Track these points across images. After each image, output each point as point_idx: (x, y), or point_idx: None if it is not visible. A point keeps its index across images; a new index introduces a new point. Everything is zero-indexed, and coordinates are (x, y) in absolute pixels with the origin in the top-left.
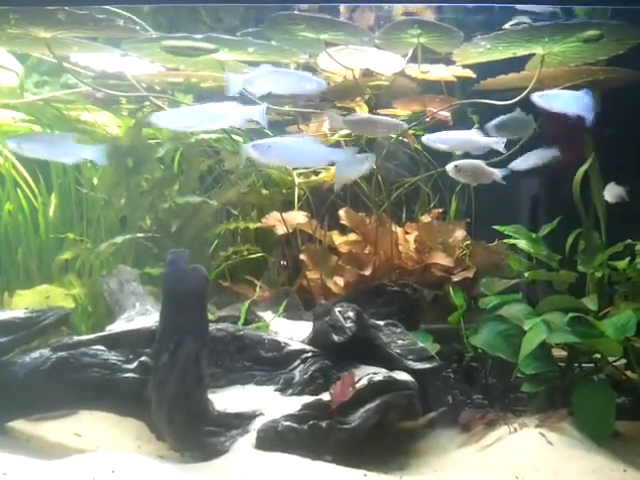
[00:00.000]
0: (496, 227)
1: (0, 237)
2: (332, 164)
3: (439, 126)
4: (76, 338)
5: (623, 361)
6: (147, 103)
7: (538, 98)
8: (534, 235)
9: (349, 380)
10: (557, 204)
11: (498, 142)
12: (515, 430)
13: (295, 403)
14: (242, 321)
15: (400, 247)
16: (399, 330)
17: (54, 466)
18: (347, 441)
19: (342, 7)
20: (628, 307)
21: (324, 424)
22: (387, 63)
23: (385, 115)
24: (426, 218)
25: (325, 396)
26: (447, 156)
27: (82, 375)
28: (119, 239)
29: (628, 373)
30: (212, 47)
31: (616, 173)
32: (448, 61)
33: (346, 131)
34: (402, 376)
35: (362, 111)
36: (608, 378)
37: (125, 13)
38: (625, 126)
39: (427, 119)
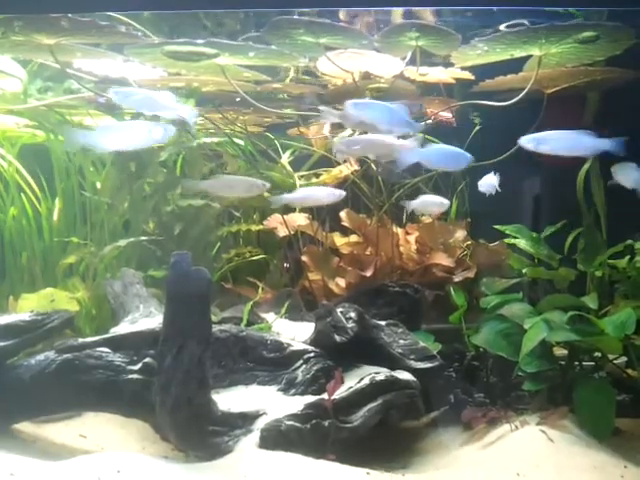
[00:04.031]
0: (497, 227)
1: (5, 242)
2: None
3: (440, 127)
4: (81, 340)
5: (624, 359)
6: None
7: (351, 107)
8: (535, 234)
9: (337, 377)
10: (557, 203)
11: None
12: (516, 428)
13: (298, 403)
14: (245, 322)
15: (401, 248)
16: (400, 330)
17: (60, 467)
18: (350, 440)
19: (342, 12)
20: (628, 305)
21: (326, 423)
22: (386, 66)
23: None
24: (427, 219)
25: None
26: None
27: (87, 377)
28: (123, 242)
29: (628, 371)
30: (213, 52)
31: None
32: (447, 63)
33: (347, 132)
34: (404, 375)
35: None
36: (609, 376)
37: (126, 19)
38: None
39: (429, 120)
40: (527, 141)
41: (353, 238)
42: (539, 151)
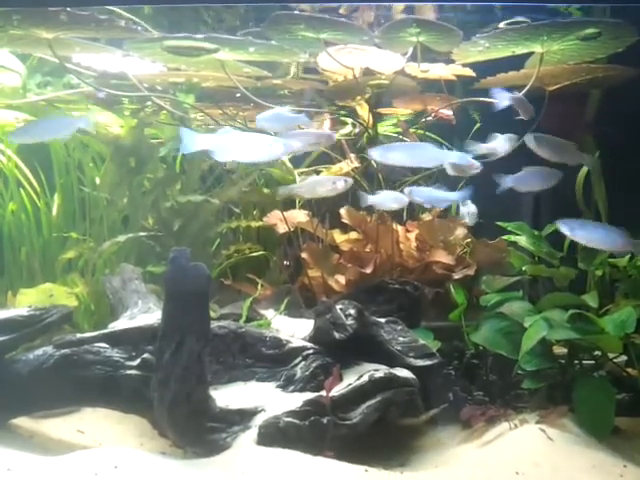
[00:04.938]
0: (499, 223)
1: (3, 237)
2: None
3: (441, 125)
4: (79, 336)
5: (624, 358)
6: (149, 103)
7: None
8: (536, 232)
9: (335, 374)
10: (558, 201)
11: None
12: (516, 426)
13: (296, 399)
14: (244, 319)
15: (401, 245)
16: (400, 327)
17: (57, 462)
18: (348, 437)
19: (342, 7)
20: (628, 304)
21: (325, 420)
22: (387, 62)
23: (385, 114)
24: (427, 216)
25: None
26: None
27: (85, 372)
28: (122, 238)
29: (628, 370)
30: (213, 47)
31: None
32: (448, 60)
33: (346, 130)
34: (403, 373)
35: (363, 110)
36: (608, 375)
37: (126, 14)
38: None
39: (429, 117)
40: (373, 152)
41: (353, 235)
42: (385, 162)
